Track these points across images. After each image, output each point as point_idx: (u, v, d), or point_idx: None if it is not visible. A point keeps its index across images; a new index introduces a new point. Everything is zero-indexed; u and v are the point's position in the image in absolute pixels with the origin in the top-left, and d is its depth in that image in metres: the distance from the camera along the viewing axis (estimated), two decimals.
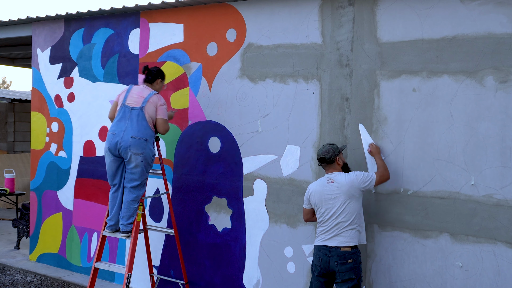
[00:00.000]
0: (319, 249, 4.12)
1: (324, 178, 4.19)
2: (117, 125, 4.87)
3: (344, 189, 4.06)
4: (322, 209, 4.12)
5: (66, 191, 6.49)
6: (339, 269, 4.01)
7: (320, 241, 4.12)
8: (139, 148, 4.77)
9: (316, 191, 4.17)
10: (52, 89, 6.62)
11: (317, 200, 4.16)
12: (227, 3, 5.15)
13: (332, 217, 4.07)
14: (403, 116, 4.23)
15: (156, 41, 5.65)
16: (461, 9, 3.99)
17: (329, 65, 4.57)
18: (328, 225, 4.08)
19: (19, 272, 6.44)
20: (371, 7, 4.36)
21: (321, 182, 4.19)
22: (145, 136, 4.82)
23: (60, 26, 6.50)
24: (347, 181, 4.09)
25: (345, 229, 4.03)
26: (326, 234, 4.08)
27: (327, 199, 4.09)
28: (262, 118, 4.95)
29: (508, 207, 3.82)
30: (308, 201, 4.25)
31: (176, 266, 5.50)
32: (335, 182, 4.11)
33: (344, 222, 4.04)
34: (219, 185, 5.21)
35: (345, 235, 4.03)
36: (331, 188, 4.10)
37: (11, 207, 10.50)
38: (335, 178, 4.13)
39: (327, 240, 4.07)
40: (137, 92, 4.92)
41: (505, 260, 3.84)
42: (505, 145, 3.83)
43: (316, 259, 4.14)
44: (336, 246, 4.02)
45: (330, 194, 4.09)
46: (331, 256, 4.04)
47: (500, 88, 3.85)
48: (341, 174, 4.16)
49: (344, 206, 4.04)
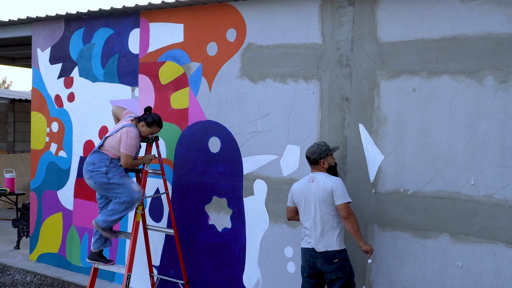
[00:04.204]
0: (305, 252, 4.15)
1: (307, 177, 4.21)
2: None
3: (320, 190, 4.05)
4: (302, 208, 4.15)
5: (66, 191, 6.49)
6: (326, 269, 4.02)
7: (305, 244, 4.14)
8: (86, 173, 4.89)
9: (298, 189, 4.19)
10: (52, 89, 6.62)
11: (298, 198, 4.17)
12: (227, 3, 5.15)
13: (311, 217, 4.08)
14: (403, 116, 4.23)
15: (156, 41, 5.65)
16: (461, 9, 3.98)
17: (329, 65, 4.57)
18: (310, 226, 4.09)
19: (19, 272, 6.44)
20: (371, 7, 4.36)
21: (304, 181, 4.20)
22: (92, 159, 4.87)
23: (60, 26, 6.50)
24: (324, 185, 4.04)
25: (322, 231, 4.03)
26: (309, 236, 4.09)
27: (308, 197, 4.11)
28: (262, 118, 4.95)
29: (508, 207, 3.82)
30: (291, 199, 4.26)
31: (176, 266, 5.50)
32: (315, 182, 4.11)
33: (319, 224, 4.03)
34: (219, 185, 5.21)
35: (321, 238, 4.02)
36: (311, 187, 4.10)
37: (11, 207, 10.50)
38: (316, 177, 4.12)
39: (310, 243, 4.09)
40: (117, 124, 5.02)
41: (505, 260, 3.84)
42: (505, 145, 3.83)
43: (303, 261, 4.18)
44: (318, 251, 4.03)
45: (310, 193, 4.10)
46: (317, 257, 4.05)
47: (500, 88, 3.85)
48: (323, 175, 4.12)
49: (319, 207, 4.04)
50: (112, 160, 4.86)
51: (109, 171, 4.82)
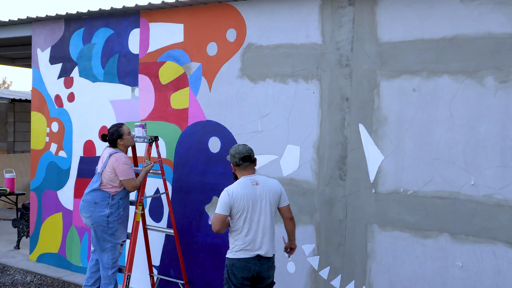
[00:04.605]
0: (247, 262, 3.83)
1: (246, 181, 3.91)
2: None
3: (270, 193, 3.91)
4: (249, 214, 3.83)
5: (66, 191, 6.49)
6: (270, 275, 3.92)
7: (245, 253, 3.84)
8: (87, 211, 4.93)
9: (243, 195, 3.82)
10: (52, 89, 6.61)
11: (244, 204, 3.82)
12: (227, 3, 5.15)
13: (260, 222, 3.85)
14: (403, 116, 4.22)
15: (156, 41, 5.65)
16: (461, 9, 3.98)
17: (329, 65, 4.57)
18: (256, 232, 3.84)
19: (19, 272, 6.43)
20: (371, 7, 4.36)
21: (244, 185, 3.87)
22: (94, 198, 4.92)
23: (60, 26, 6.50)
24: (273, 187, 3.93)
25: (269, 235, 3.88)
26: (253, 243, 3.83)
27: (256, 202, 3.84)
28: (262, 118, 4.95)
29: (508, 207, 3.82)
30: (229, 206, 3.83)
31: (176, 266, 5.50)
32: (260, 185, 3.90)
33: (268, 227, 3.88)
34: (219, 185, 5.21)
35: (269, 242, 3.89)
36: (259, 191, 3.87)
37: (11, 207, 10.50)
38: (258, 180, 3.93)
39: (257, 250, 3.84)
40: (102, 157, 5.07)
41: (505, 260, 3.84)
42: (505, 145, 3.83)
43: (242, 273, 3.83)
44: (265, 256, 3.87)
45: (258, 197, 3.86)
46: (262, 263, 3.86)
47: (500, 88, 3.85)
48: (261, 176, 3.99)
49: (269, 211, 3.88)
50: (114, 197, 4.94)
51: (110, 214, 4.90)
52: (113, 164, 4.88)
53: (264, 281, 3.92)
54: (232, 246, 3.91)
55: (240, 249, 3.86)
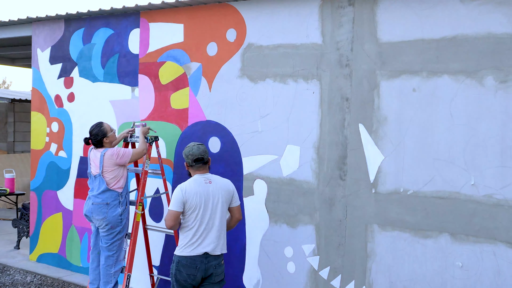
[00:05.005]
0: (193, 260, 3.87)
1: (199, 178, 3.98)
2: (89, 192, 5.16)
3: (223, 192, 3.98)
4: (201, 211, 3.89)
5: (66, 191, 6.49)
6: (217, 272, 3.94)
7: (193, 251, 3.88)
8: (100, 214, 4.97)
9: (195, 192, 3.89)
10: (52, 89, 6.62)
11: (197, 201, 3.88)
12: (227, 3, 5.15)
13: (211, 220, 3.91)
14: (403, 116, 4.23)
15: (156, 41, 5.65)
16: (461, 9, 3.99)
17: (329, 65, 4.57)
18: (205, 230, 3.89)
19: (19, 272, 6.44)
20: (371, 7, 4.36)
21: (198, 182, 3.94)
22: (104, 200, 4.97)
23: (60, 26, 6.50)
24: (226, 186, 4.02)
25: (219, 233, 3.93)
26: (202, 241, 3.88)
27: (208, 199, 3.91)
28: (262, 118, 4.95)
29: (508, 207, 3.82)
30: (183, 202, 3.89)
31: None
32: (213, 183, 3.96)
33: (218, 226, 3.92)
34: None
35: (218, 240, 3.93)
36: (212, 189, 3.94)
37: (11, 207, 10.50)
38: (211, 178, 4.00)
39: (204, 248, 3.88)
40: (93, 160, 5.09)
41: (505, 260, 3.84)
42: (505, 145, 3.83)
43: (189, 270, 3.87)
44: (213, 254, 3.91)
45: (211, 195, 3.92)
46: (209, 261, 3.89)
47: (500, 88, 3.85)
48: (214, 176, 4.06)
49: (220, 209, 3.94)
50: (121, 194, 5.03)
51: (123, 212, 5.03)
52: (111, 158, 4.93)
53: (212, 278, 3.94)
54: (180, 242, 3.96)
55: (188, 246, 3.90)
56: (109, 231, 4.98)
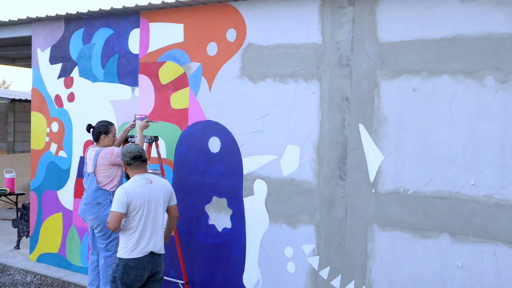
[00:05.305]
0: (140, 261, 3.89)
1: (141, 179, 3.99)
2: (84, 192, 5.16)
3: (164, 191, 4.05)
4: (145, 211, 3.91)
5: (66, 191, 6.49)
6: (160, 270, 4.05)
7: (139, 253, 3.90)
8: (91, 213, 4.98)
9: (139, 192, 3.90)
10: (52, 89, 6.62)
11: (141, 201, 3.89)
12: (227, 3, 5.15)
13: (155, 219, 3.96)
14: (403, 116, 4.22)
15: (156, 41, 5.65)
16: (461, 9, 3.98)
17: (329, 65, 4.57)
18: (150, 230, 3.93)
19: (19, 272, 6.43)
20: (371, 7, 4.36)
21: (139, 183, 3.95)
22: (95, 199, 4.97)
23: (60, 26, 6.50)
24: (166, 186, 4.10)
25: (161, 233, 4.02)
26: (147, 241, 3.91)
27: (151, 200, 3.94)
28: (262, 118, 4.95)
29: (508, 207, 3.82)
30: (127, 204, 3.87)
31: (176, 266, 5.50)
32: (154, 183, 4.00)
33: (161, 225, 4.01)
34: (219, 185, 5.21)
35: (161, 239, 4.02)
36: (154, 189, 3.98)
37: (11, 207, 10.49)
38: (152, 179, 4.03)
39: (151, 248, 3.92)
40: (88, 157, 5.11)
41: (505, 260, 3.84)
42: (505, 145, 3.83)
43: (138, 271, 3.89)
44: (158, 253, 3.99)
45: (154, 195, 3.96)
46: (155, 260, 3.97)
47: (500, 88, 3.85)
48: (155, 176, 4.12)
49: (162, 209, 4.03)
50: (113, 193, 4.96)
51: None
52: (105, 157, 4.95)
53: (156, 276, 4.05)
54: (125, 245, 3.93)
55: (135, 248, 3.90)
56: (102, 231, 4.98)
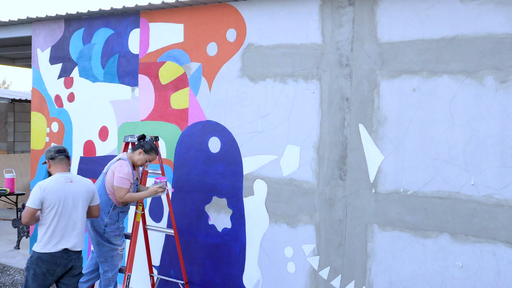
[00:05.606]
0: (53, 255, 3.98)
1: (60, 177, 4.04)
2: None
3: (84, 191, 4.09)
4: (59, 209, 3.97)
5: None
6: (77, 265, 4.12)
7: (53, 248, 3.98)
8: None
9: (55, 190, 3.97)
10: (52, 89, 6.62)
11: (56, 199, 3.96)
12: (227, 3, 5.15)
13: (71, 217, 4.03)
14: (403, 116, 4.23)
15: (156, 41, 5.65)
16: (461, 9, 3.99)
17: (329, 65, 4.57)
18: (66, 227, 4.01)
19: (19, 272, 6.43)
20: (371, 7, 4.36)
21: (58, 181, 4.01)
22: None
23: (60, 26, 6.50)
24: (87, 185, 4.14)
25: (79, 230, 4.08)
26: (61, 238, 4.00)
27: (68, 198, 4.00)
28: (262, 118, 4.95)
29: (508, 207, 3.82)
30: (40, 200, 3.94)
31: (176, 266, 5.50)
32: (74, 183, 4.06)
33: (78, 223, 4.07)
34: (219, 185, 5.21)
35: (78, 237, 4.08)
36: (73, 187, 4.03)
37: (11, 207, 10.50)
38: (73, 178, 4.09)
39: (64, 244, 4.01)
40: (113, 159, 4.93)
41: (505, 260, 3.84)
42: (505, 145, 3.83)
43: (49, 265, 3.98)
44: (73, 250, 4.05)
45: (71, 193, 4.01)
46: (70, 256, 4.05)
47: (500, 88, 3.85)
48: (77, 176, 4.18)
49: (81, 208, 4.07)
50: (115, 207, 4.78)
51: (108, 225, 4.76)
52: (115, 168, 4.72)
53: (72, 271, 4.13)
54: (39, 239, 4.05)
55: (47, 243, 4.00)
56: (94, 239, 4.80)
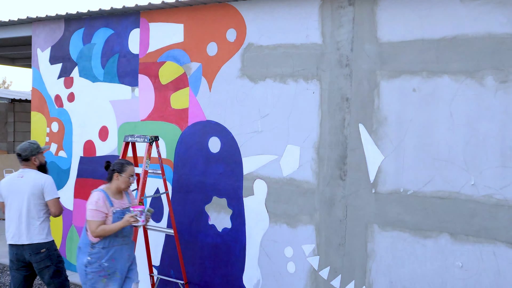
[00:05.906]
0: (12, 247, 4.39)
1: (15, 173, 4.45)
2: None
3: (31, 185, 4.33)
4: (9, 202, 4.37)
5: (66, 191, 6.49)
6: (34, 260, 4.32)
7: (13, 240, 4.37)
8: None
9: (6, 184, 4.40)
10: (52, 89, 6.62)
11: (5, 193, 4.40)
12: (227, 3, 5.15)
13: (17, 211, 4.34)
14: (403, 116, 4.23)
15: (156, 41, 5.65)
16: (461, 9, 3.99)
17: (329, 65, 4.57)
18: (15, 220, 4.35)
19: None
20: (371, 7, 4.36)
21: (12, 177, 4.43)
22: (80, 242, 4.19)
23: (60, 26, 6.50)
24: (35, 181, 4.35)
25: (29, 225, 4.30)
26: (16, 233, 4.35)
27: (15, 192, 4.36)
28: (262, 118, 4.95)
29: (508, 207, 3.82)
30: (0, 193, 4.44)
31: (176, 266, 5.50)
32: (24, 178, 4.37)
33: (26, 217, 4.31)
34: (219, 185, 5.21)
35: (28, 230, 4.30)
36: (19, 183, 4.36)
37: None
38: (26, 174, 4.39)
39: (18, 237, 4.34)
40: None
41: (505, 260, 3.84)
42: (505, 145, 3.83)
43: (11, 256, 4.41)
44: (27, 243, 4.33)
45: (17, 188, 4.35)
46: (24, 249, 4.35)
47: (500, 88, 3.85)
48: (33, 171, 4.42)
49: (27, 202, 4.31)
50: (94, 246, 4.08)
51: (89, 264, 4.08)
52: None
53: (34, 266, 4.38)
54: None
55: (7, 234, 4.40)
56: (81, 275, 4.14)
